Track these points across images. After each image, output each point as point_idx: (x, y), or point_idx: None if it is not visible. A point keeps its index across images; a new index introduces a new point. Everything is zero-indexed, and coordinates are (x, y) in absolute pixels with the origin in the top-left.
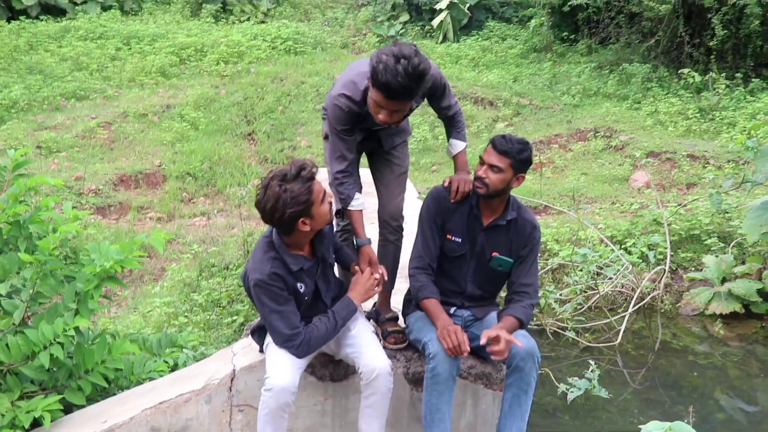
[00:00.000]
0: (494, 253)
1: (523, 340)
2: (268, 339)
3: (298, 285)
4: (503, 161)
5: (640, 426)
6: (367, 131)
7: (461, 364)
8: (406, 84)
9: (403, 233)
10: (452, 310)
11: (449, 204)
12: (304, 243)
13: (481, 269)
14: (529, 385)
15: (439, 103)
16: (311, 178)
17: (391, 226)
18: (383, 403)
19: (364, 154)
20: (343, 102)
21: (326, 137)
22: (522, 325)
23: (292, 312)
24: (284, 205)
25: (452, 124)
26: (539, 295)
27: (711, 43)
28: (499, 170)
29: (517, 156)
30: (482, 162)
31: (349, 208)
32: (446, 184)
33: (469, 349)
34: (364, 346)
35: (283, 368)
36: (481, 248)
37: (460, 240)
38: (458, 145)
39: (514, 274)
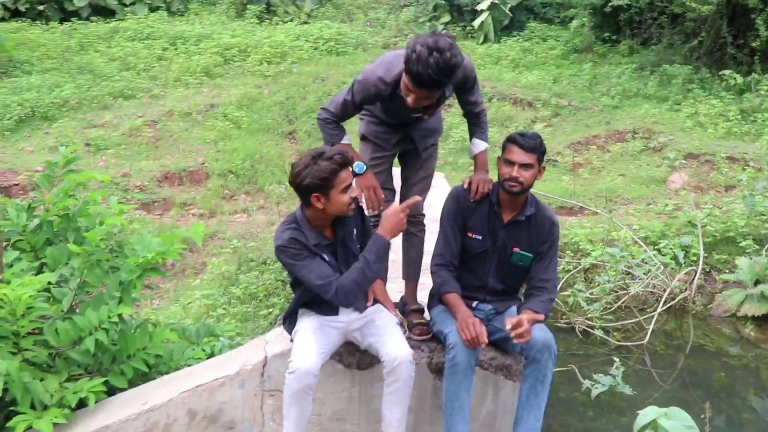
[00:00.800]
0: (515, 249)
1: (540, 333)
2: (297, 326)
3: (323, 255)
4: (532, 157)
5: (638, 411)
6: (401, 130)
7: (481, 354)
8: (436, 77)
9: (425, 229)
10: (474, 304)
11: (469, 203)
12: (324, 224)
13: (502, 264)
14: (545, 376)
15: (467, 97)
16: (342, 164)
17: (410, 221)
18: (405, 390)
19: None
20: (372, 80)
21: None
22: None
23: (319, 264)
24: (306, 174)
25: (476, 123)
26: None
27: (754, 44)
28: (530, 167)
29: (540, 148)
30: (510, 162)
31: (342, 142)
32: (466, 185)
33: (486, 340)
34: (387, 336)
35: (307, 352)
36: (502, 244)
37: (481, 237)
38: (480, 145)
39: (533, 270)
